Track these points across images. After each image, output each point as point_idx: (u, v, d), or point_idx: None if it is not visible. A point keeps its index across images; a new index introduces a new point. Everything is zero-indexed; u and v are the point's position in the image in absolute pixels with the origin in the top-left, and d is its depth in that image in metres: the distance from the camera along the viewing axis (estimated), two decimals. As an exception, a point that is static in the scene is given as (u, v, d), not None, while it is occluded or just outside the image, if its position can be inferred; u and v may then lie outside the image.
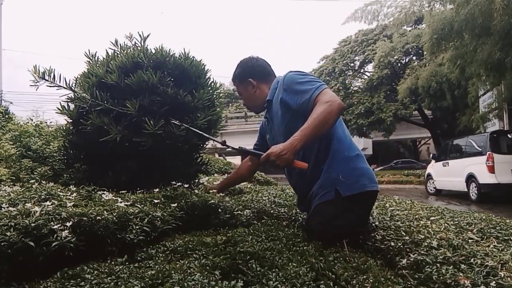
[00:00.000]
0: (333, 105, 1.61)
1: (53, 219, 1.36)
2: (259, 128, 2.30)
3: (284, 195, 2.89)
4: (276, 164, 1.66)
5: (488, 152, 9.55)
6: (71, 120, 2.41)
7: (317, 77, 2.03)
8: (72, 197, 1.70)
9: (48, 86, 2.27)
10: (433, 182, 12.39)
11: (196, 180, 2.61)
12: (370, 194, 1.79)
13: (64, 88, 2.31)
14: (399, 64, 22.55)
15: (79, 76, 2.42)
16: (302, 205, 2.00)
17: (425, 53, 13.80)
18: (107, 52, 2.44)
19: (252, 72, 2.09)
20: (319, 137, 1.68)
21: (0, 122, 5.30)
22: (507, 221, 1.94)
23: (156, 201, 1.79)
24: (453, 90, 15.08)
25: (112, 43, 2.48)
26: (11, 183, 2.54)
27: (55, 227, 1.30)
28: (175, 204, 1.79)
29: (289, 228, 1.80)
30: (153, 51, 2.35)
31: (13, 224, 1.27)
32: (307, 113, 1.67)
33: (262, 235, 1.58)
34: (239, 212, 1.98)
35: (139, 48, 2.43)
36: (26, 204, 1.48)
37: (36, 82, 2.22)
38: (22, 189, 1.85)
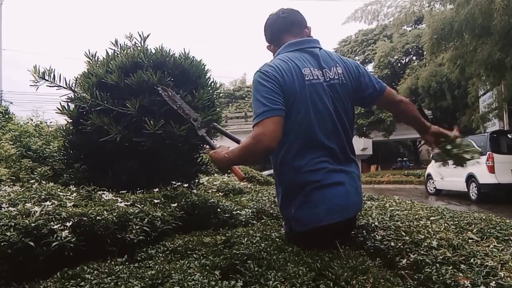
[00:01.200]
0: (259, 146, 1.44)
1: (53, 219, 1.36)
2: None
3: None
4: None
5: (488, 152, 9.55)
6: (71, 120, 2.41)
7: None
8: (72, 197, 1.70)
9: (48, 86, 2.27)
10: (433, 182, 12.39)
11: (196, 180, 2.61)
12: (329, 228, 1.50)
13: (64, 88, 2.31)
14: (399, 64, 22.53)
15: (79, 76, 2.43)
16: None
17: (425, 53, 13.79)
18: (107, 52, 2.44)
19: (265, 33, 1.79)
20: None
21: (0, 122, 5.30)
22: (507, 221, 1.94)
23: (156, 201, 1.79)
24: (453, 90, 15.08)
25: (112, 43, 2.48)
26: (11, 183, 2.54)
27: (55, 227, 1.30)
28: (175, 204, 1.79)
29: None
30: (153, 51, 2.35)
31: (13, 224, 1.27)
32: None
33: (259, 235, 1.58)
34: (238, 212, 1.98)
35: (139, 48, 2.43)
36: (26, 204, 1.49)
37: (36, 82, 2.23)
38: (22, 189, 1.86)
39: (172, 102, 1.90)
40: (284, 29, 1.70)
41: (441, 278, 1.21)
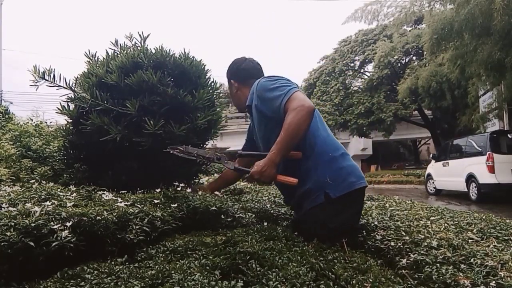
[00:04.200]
0: (302, 112, 1.58)
1: (53, 219, 1.36)
2: (247, 131, 2.30)
3: (284, 195, 2.88)
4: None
5: (488, 152, 9.55)
6: (71, 120, 2.41)
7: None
8: (72, 197, 1.70)
9: (48, 86, 2.27)
10: (433, 182, 12.39)
11: (196, 180, 2.61)
12: (359, 191, 1.79)
13: (64, 88, 2.31)
14: (399, 64, 22.53)
15: (79, 76, 2.43)
16: (291, 201, 1.99)
17: (425, 53, 13.79)
18: (107, 52, 2.44)
19: (234, 74, 2.12)
20: (296, 144, 1.67)
21: (0, 122, 5.30)
22: (507, 221, 1.94)
23: (156, 201, 1.79)
24: (453, 90, 15.07)
25: (112, 43, 2.48)
26: (11, 183, 2.54)
27: (55, 227, 1.30)
28: (175, 205, 1.79)
29: (289, 228, 1.80)
30: (153, 51, 2.35)
31: (13, 224, 1.27)
32: (281, 120, 1.66)
33: (261, 235, 1.58)
34: (240, 215, 1.97)
35: (139, 48, 2.43)
36: (26, 204, 1.48)
37: (36, 82, 2.22)
38: (22, 189, 1.85)
39: (188, 155, 1.92)
40: (255, 76, 2.02)
41: (441, 278, 1.21)
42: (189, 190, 1.96)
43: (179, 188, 1.97)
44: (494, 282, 1.16)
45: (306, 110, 1.58)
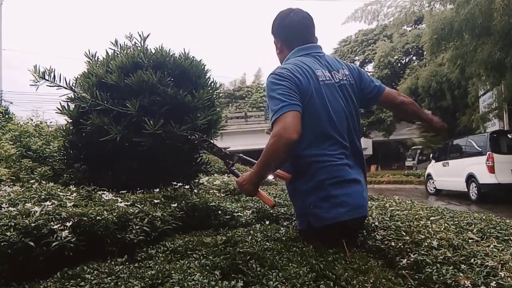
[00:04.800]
0: (278, 143, 1.43)
1: (53, 219, 1.36)
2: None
3: (284, 195, 2.88)
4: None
5: (488, 152, 9.54)
6: (71, 120, 2.41)
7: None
8: (72, 197, 1.70)
9: (48, 86, 2.27)
10: (433, 182, 12.39)
11: (196, 180, 2.61)
12: (347, 223, 1.54)
13: (64, 88, 2.31)
14: (399, 64, 22.53)
15: (79, 76, 2.43)
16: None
17: (425, 53, 13.79)
18: (107, 52, 2.44)
19: (276, 30, 1.77)
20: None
21: (0, 122, 5.30)
22: (507, 221, 1.94)
23: (156, 201, 1.79)
24: (453, 90, 15.07)
25: (112, 43, 2.48)
26: (11, 183, 2.54)
27: (55, 227, 1.30)
28: (175, 204, 1.79)
29: (289, 228, 1.80)
30: (153, 51, 2.35)
31: (13, 224, 1.27)
32: None
33: (261, 235, 1.58)
34: (239, 214, 1.98)
35: (139, 48, 2.43)
36: (26, 204, 1.48)
37: (36, 82, 2.23)
38: (22, 189, 1.85)
39: (210, 149, 1.88)
40: (301, 35, 1.72)
41: (441, 278, 1.21)
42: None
43: (176, 187, 1.97)
44: (494, 282, 1.16)
45: (283, 142, 1.43)
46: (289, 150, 1.47)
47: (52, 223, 1.32)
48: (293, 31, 1.72)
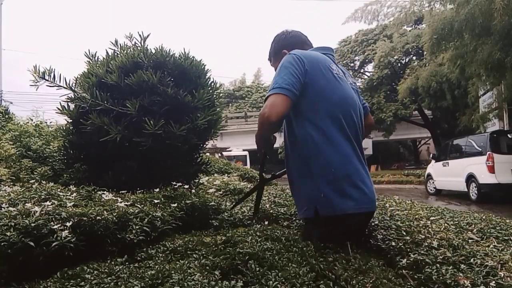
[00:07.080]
0: (261, 119, 1.54)
1: (53, 219, 1.36)
2: None
3: (284, 195, 2.88)
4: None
5: (488, 152, 9.54)
6: (71, 120, 2.41)
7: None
8: (72, 197, 1.70)
9: (48, 86, 2.27)
10: (433, 182, 12.39)
11: (196, 180, 2.61)
12: (354, 217, 1.55)
13: (64, 88, 2.31)
14: (399, 64, 22.52)
15: (79, 76, 2.43)
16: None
17: (425, 53, 13.79)
18: (107, 52, 2.44)
19: (285, 43, 1.92)
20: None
21: (0, 122, 5.30)
22: (507, 221, 1.94)
23: (156, 201, 1.79)
24: (453, 90, 15.07)
25: (112, 43, 2.48)
26: (11, 183, 2.54)
27: (55, 227, 1.30)
28: (175, 204, 1.79)
29: (289, 229, 1.80)
30: (153, 51, 2.35)
31: (13, 224, 1.27)
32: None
33: (261, 235, 1.58)
34: (239, 214, 1.98)
35: (139, 48, 2.43)
36: (26, 204, 1.48)
37: (36, 82, 2.22)
38: (22, 189, 1.85)
39: None
40: (306, 42, 1.92)
41: (441, 278, 1.21)
42: None
43: (176, 186, 1.97)
44: (494, 282, 1.16)
45: (263, 122, 1.54)
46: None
47: (52, 223, 1.32)
48: (298, 40, 1.91)
